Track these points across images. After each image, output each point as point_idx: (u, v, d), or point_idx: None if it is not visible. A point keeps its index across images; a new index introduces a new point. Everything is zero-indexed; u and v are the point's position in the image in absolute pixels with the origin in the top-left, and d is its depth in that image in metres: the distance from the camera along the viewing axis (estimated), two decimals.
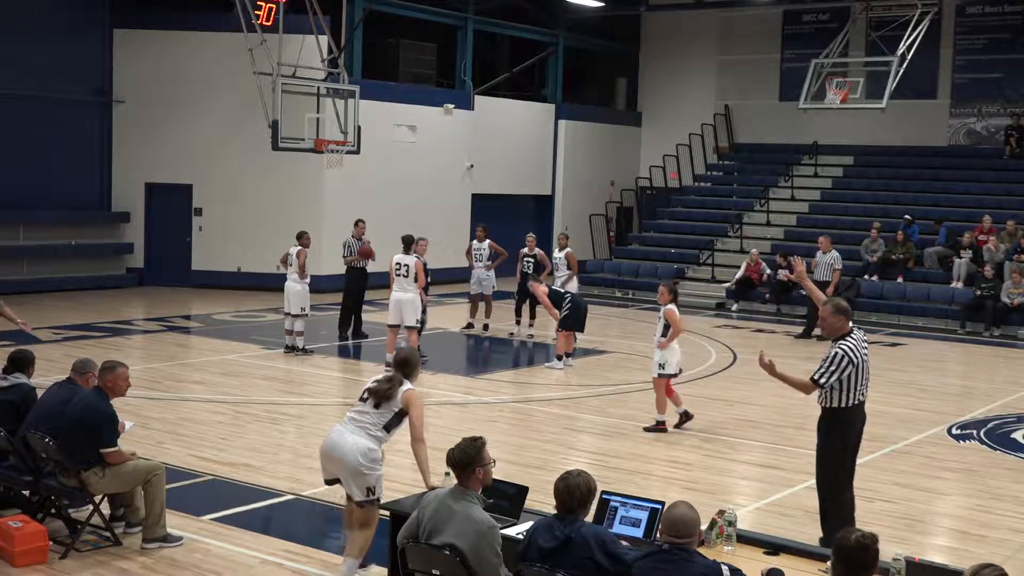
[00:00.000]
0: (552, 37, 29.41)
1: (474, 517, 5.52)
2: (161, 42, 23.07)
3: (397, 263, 14.94)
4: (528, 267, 18.15)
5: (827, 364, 7.57)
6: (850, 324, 7.78)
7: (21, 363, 8.40)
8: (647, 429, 11.77)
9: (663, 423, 11.82)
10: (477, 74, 27.28)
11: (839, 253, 20.17)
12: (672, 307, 11.75)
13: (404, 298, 14.84)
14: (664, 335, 11.71)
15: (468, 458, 5.68)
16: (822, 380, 7.59)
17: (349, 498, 7.20)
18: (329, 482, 7.36)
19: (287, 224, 19.59)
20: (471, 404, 13.22)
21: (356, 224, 17.46)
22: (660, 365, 11.77)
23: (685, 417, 12.00)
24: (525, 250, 18.29)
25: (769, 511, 9.19)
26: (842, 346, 7.61)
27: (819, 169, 28.02)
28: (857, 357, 7.60)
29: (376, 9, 24.47)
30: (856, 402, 7.72)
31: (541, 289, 15.60)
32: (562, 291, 15.81)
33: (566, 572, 5.20)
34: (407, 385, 7.21)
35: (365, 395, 7.27)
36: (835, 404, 7.71)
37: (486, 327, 18.72)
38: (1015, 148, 26.09)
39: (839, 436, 7.77)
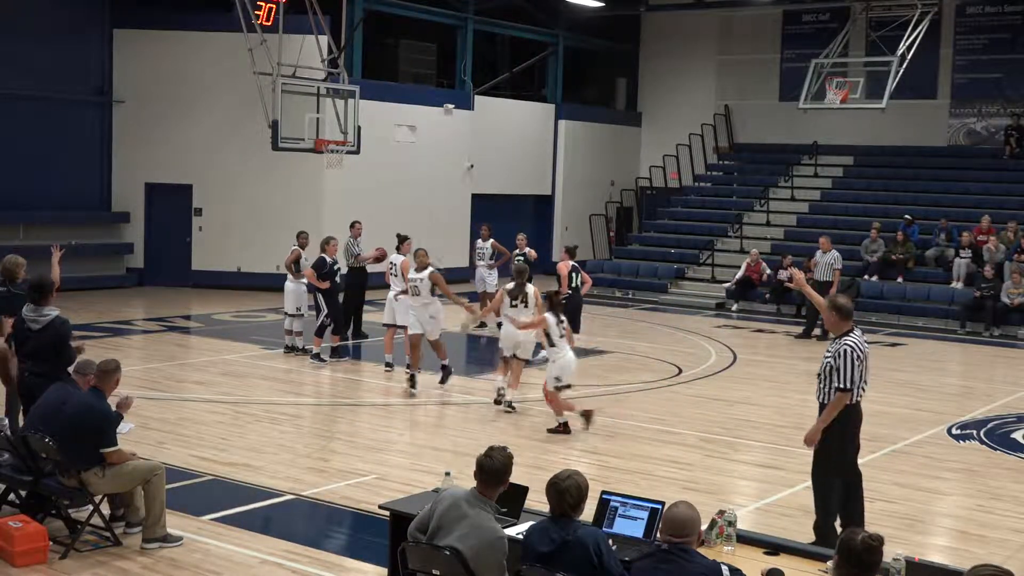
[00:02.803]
0: (552, 37, 29.41)
1: (484, 525, 5.51)
2: (161, 42, 23.07)
3: (390, 263, 15.03)
4: None
5: (845, 366, 7.63)
6: (851, 323, 7.83)
7: (47, 290, 8.80)
8: (550, 431, 11.54)
9: (566, 424, 11.55)
10: (477, 74, 27.27)
11: (839, 253, 20.19)
12: (547, 315, 11.62)
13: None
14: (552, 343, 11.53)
15: (504, 472, 5.69)
16: (848, 385, 7.63)
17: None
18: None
19: (287, 224, 19.58)
20: (471, 404, 13.22)
21: (352, 226, 17.44)
22: (556, 379, 11.50)
23: (564, 428, 11.56)
24: (516, 250, 18.36)
25: (769, 511, 9.20)
26: (847, 343, 7.68)
27: (819, 169, 28.02)
28: (862, 352, 7.70)
29: (376, 9, 24.47)
30: (857, 398, 7.77)
31: (564, 263, 15.71)
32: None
33: (565, 575, 5.20)
34: (530, 285, 12.41)
35: (515, 302, 12.62)
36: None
37: (499, 325, 18.73)
38: (1015, 148, 26.09)
39: (838, 432, 7.80)
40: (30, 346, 8.69)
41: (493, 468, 5.66)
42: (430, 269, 13.29)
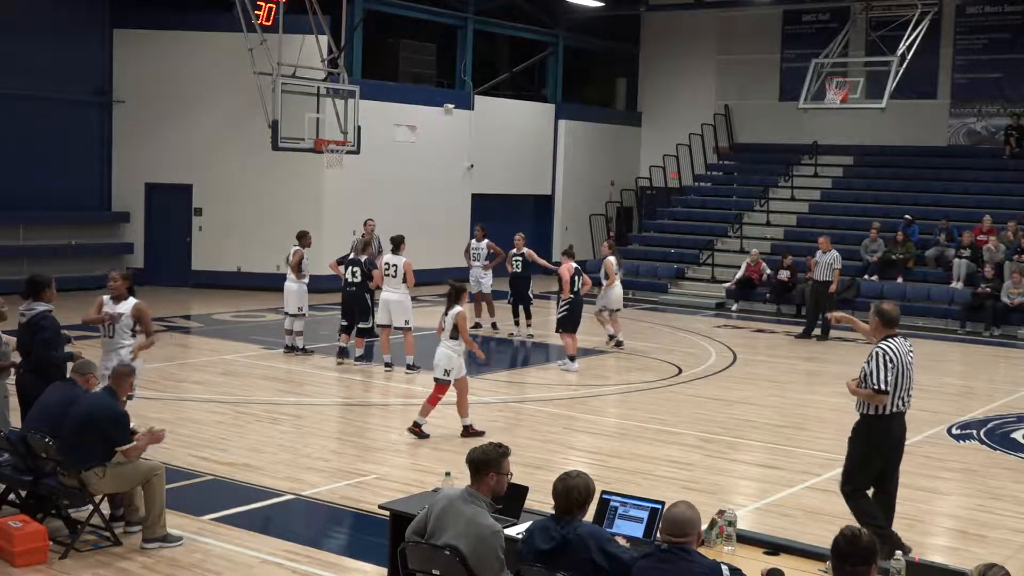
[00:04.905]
0: (552, 37, 29.41)
1: (479, 521, 5.50)
2: (161, 42, 23.07)
3: (386, 263, 14.97)
4: (517, 266, 18.20)
5: (876, 368, 7.39)
6: (891, 329, 7.60)
7: (38, 285, 8.67)
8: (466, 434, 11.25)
9: (471, 426, 11.40)
10: (477, 74, 27.28)
11: (839, 253, 20.18)
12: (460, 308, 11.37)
13: (392, 298, 14.84)
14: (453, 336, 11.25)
15: (486, 461, 5.65)
16: (883, 387, 7.38)
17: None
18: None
19: (287, 224, 19.58)
20: (471, 404, 13.20)
21: (365, 224, 17.47)
22: (446, 371, 11.26)
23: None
24: (514, 250, 18.33)
25: (769, 511, 9.19)
26: (879, 346, 7.48)
27: (819, 169, 28.02)
28: (896, 357, 7.45)
29: (376, 9, 24.47)
30: (894, 410, 7.52)
31: (566, 266, 15.61)
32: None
33: (565, 574, 5.20)
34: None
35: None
36: (870, 411, 7.55)
37: (495, 326, 18.76)
38: (1015, 148, 26.09)
39: (864, 444, 7.60)
40: (22, 343, 8.71)
41: (474, 458, 5.67)
42: (133, 301, 9.80)
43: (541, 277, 20.04)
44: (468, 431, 11.32)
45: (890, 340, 7.55)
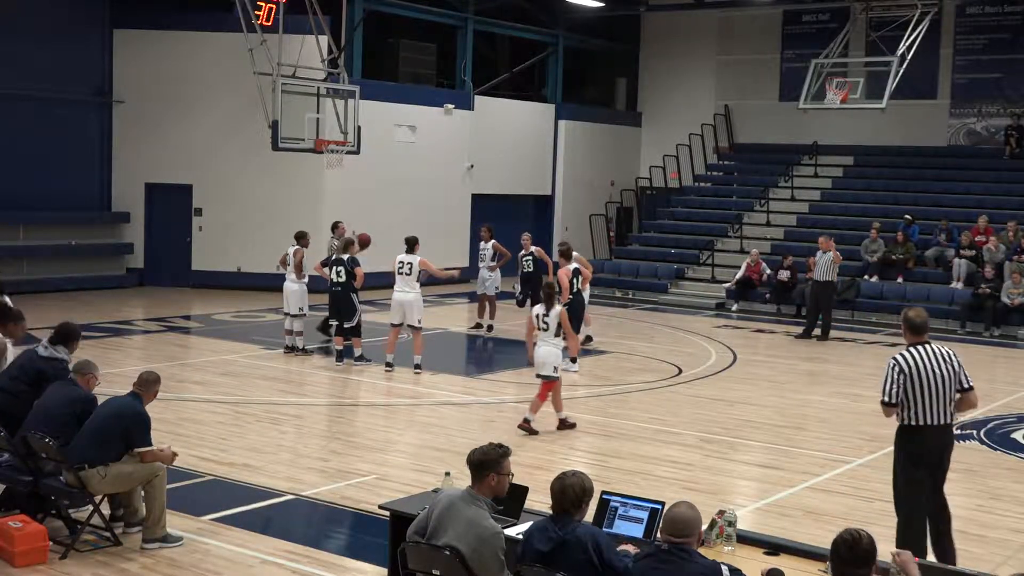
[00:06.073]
0: (552, 37, 29.41)
1: (479, 522, 5.51)
2: (161, 42, 23.07)
3: (400, 262, 14.94)
4: (528, 266, 18.11)
5: (884, 378, 7.25)
6: (917, 336, 7.33)
7: (67, 336, 8.51)
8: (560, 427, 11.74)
9: (565, 419, 11.86)
10: (477, 74, 27.28)
11: (839, 252, 20.18)
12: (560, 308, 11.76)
13: (406, 298, 14.83)
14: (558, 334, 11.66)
15: (487, 461, 5.64)
16: (885, 398, 7.22)
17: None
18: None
19: (287, 224, 19.56)
20: (472, 404, 13.22)
21: (334, 228, 17.23)
22: (555, 368, 11.65)
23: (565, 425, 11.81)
24: (523, 251, 18.26)
25: (769, 511, 9.19)
26: (895, 355, 7.31)
27: (819, 169, 28.02)
28: (910, 367, 7.20)
29: (376, 9, 24.47)
30: (923, 422, 7.25)
31: (564, 271, 15.60)
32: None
33: (564, 574, 5.20)
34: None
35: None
36: (900, 420, 7.40)
37: (490, 328, 18.72)
38: (1015, 148, 26.09)
39: (905, 454, 7.43)
40: (22, 367, 8.44)
41: (474, 459, 5.67)
42: None
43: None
44: (564, 424, 11.80)
45: (913, 348, 7.29)
